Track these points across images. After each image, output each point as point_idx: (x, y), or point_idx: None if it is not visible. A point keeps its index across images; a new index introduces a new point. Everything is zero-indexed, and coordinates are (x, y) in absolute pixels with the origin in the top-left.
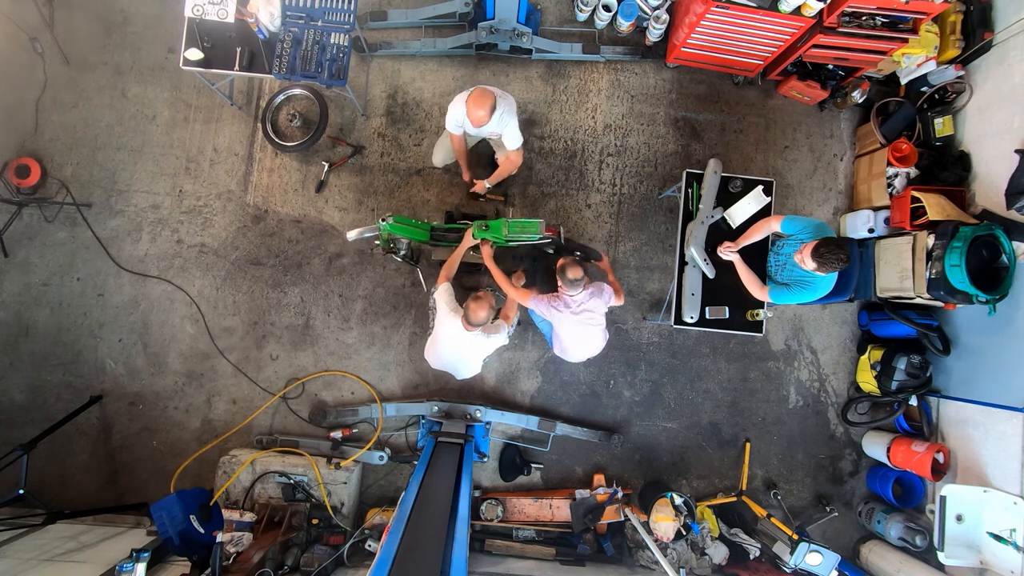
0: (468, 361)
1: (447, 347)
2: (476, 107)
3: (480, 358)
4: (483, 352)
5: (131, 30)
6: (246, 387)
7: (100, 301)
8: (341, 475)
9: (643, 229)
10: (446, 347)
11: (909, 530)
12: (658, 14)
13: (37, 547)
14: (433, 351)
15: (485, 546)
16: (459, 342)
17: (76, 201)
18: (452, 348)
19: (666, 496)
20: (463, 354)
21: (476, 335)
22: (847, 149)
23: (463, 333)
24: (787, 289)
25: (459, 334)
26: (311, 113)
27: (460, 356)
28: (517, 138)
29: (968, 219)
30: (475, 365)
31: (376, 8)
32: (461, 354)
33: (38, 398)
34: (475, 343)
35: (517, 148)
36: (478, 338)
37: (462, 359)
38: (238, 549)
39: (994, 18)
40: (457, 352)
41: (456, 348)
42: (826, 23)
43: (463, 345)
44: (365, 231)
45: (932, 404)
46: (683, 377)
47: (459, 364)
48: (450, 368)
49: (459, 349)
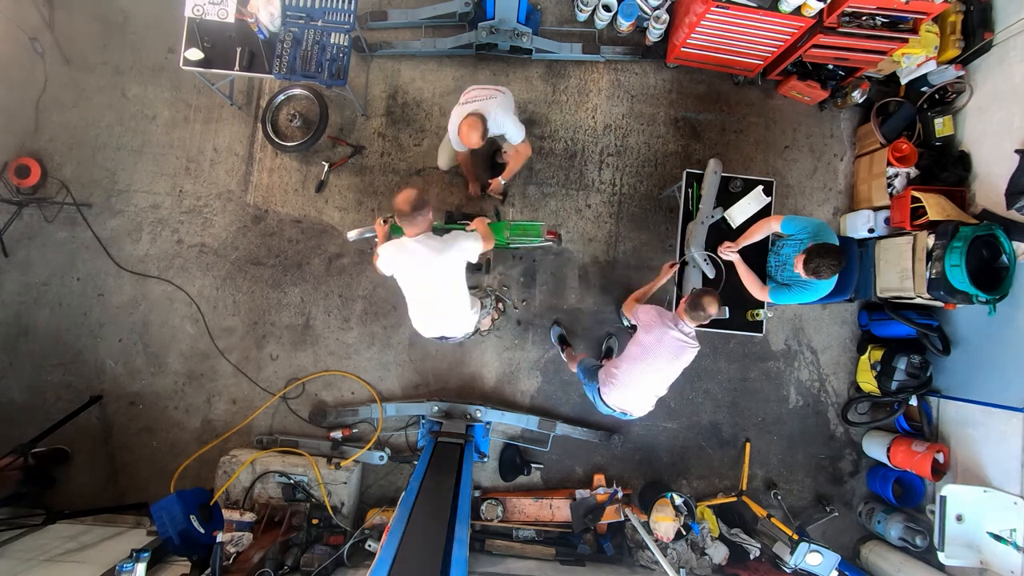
0: (449, 290)
1: (419, 276)
2: (469, 135)
3: (460, 280)
4: (455, 262)
5: (131, 30)
6: (246, 387)
7: (100, 301)
8: (341, 475)
9: (643, 229)
10: (419, 277)
11: (909, 530)
12: (658, 14)
13: (37, 547)
14: (409, 304)
15: (485, 546)
16: (422, 259)
17: (76, 201)
18: (422, 274)
19: (666, 496)
20: (438, 278)
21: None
22: (847, 149)
23: (414, 245)
24: (787, 289)
25: (416, 249)
26: (311, 113)
27: (436, 283)
28: (518, 132)
29: (968, 219)
30: (461, 298)
31: (376, 8)
32: (436, 281)
33: (38, 398)
34: (435, 248)
35: (522, 140)
36: (434, 242)
37: (440, 287)
38: (238, 549)
39: (994, 18)
40: (432, 280)
41: (427, 273)
42: (826, 23)
43: (429, 262)
44: (365, 231)
45: (932, 404)
46: (683, 377)
47: (443, 304)
48: (438, 318)
49: (430, 271)
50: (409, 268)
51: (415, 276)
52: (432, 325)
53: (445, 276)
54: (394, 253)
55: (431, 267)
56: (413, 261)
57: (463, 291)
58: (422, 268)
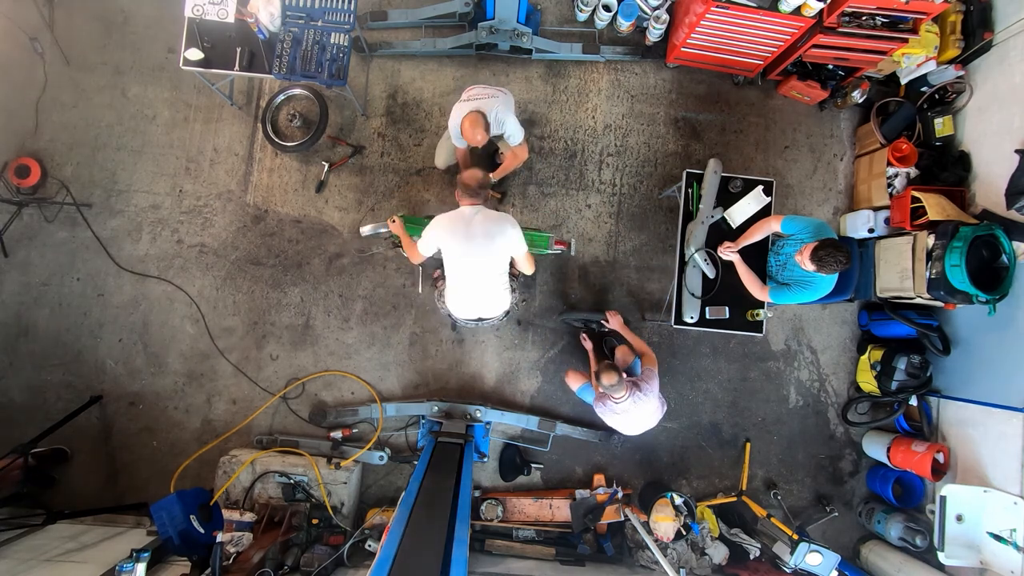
0: (493, 262)
1: (468, 245)
2: (472, 133)
3: (504, 260)
4: (509, 240)
5: (131, 30)
6: (246, 387)
7: (100, 301)
8: (341, 475)
9: (643, 229)
10: (468, 246)
11: (909, 530)
12: (658, 14)
13: (37, 547)
14: (452, 282)
15: (485, 546)
16: (475, 228)
17: (76, 201)
18: (472, 244)
19: (666, 496)
20: (486, 248)
21: (482, 211)
22: (847, 149)
23: (469, 215)
24: (787, 289)
25: (467, 217)
26: (311, 113)
27: (484, 252)
28: (519, 133)
29: (968, 219)
30: (502, 273)
31: (376, 8)
32: (484, 250)
33: (38, 398)
34: (491, 219)
35: (520, 143)
36: (489, 214)
37: (485, 258)
38: (238, 549)
39: (994, 18)
40: (480, 249)
41: (477, 243)
42: (826, 23)
43: (481, 231)
44: (379, 226)
45: (932, 404)
46: (683, 377)
47: (485, 275)
48: (477, 295)
49: (480, 241)
50: (461, 235)
51: (463, 246)
52: (472, 304)
53: (492, 249)
54: (449, 221)
55: (482, 236)
56: (466, 228)
57: (504, 268)
58: (473, 237)
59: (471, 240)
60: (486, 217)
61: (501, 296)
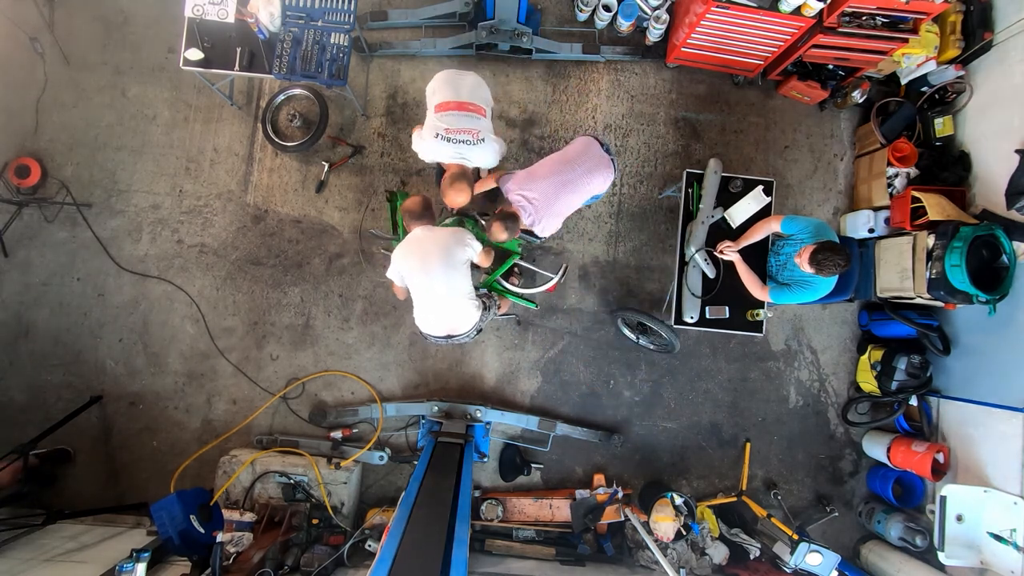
0: (450, 277)
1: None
2: (454, 198)
3: (463, 269)
4: (464, 247)
5: (131, 30)
6: (246, 387)
7: (100, 301)
8: (341, 475)
9: (643, 229)
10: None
11: (909, 530)
12: (658, 14)
13: (37, 547)
14: (417, 300)
15: (485, 546)
16: (427, 245)
17: (76, 201)
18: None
19: (666, 496)
20: (440, 261)
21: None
22: (847, 149)
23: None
24: (787, 289)
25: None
26: (311, 113)
27: (439, 265)
28: (496, 161)
29: (968, 219)
30: (464, 287)
31: (376, 8)
32: (438, 262)
33: (38, 398)
34: (441, 233)
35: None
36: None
37: (441, 273)
38: (238, 549)
39: (994, 18)
40: (435, 262)
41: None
42: (826, 23)
43: (435, 247)
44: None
45: (932, 404)
46: (683, 377)
47: (444, 293)
48: (442, 312)
49: (436, 254)
50: (416, 257)
51: (422, 264)
52: (438, 321)
53: (450, 262)
54: (405, 246)
55: (437, 252)
56: (420, 249)
57: (465, 279)
58: (428, 254)
59: (427, 257)
60: (437, 234)
61: (467, 311)
